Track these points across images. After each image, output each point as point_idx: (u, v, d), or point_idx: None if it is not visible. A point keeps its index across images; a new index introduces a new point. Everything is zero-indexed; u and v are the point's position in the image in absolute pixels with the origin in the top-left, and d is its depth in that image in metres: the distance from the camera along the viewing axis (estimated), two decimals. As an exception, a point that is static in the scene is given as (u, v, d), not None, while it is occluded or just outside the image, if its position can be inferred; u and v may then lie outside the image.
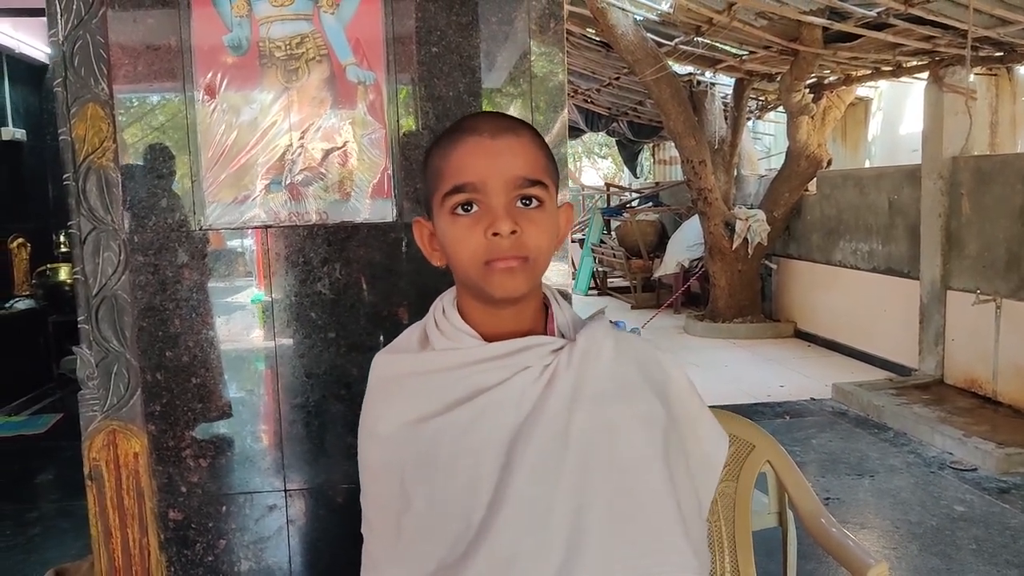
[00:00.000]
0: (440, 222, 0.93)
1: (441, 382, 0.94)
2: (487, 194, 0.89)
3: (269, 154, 1.45)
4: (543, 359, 0.93)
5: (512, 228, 0.88)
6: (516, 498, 0.88)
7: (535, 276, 0.93)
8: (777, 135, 9.22)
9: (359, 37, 1.45)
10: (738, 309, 6.96)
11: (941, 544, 3.02)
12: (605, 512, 0.89)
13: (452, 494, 0.91)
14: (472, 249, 0.90)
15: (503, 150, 0.90)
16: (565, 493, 0.89)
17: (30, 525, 3.30)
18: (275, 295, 1.48)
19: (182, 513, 1.49)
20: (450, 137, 0.93)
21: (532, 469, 0.89)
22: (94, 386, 1.44)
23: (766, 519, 1.68)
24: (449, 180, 0.90)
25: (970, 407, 4.50)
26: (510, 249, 0.89)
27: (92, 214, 1.42)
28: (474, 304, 0.96)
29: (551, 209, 0.93)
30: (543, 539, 0.87)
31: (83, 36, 1.40)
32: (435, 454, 0.92)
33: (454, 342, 0.96)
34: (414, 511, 0.92)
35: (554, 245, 0.95)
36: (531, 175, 0.90)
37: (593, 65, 7.22)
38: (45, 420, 4.78)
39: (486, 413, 0.92)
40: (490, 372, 0.93)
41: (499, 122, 0.93)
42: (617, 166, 16.83)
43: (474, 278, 0.91)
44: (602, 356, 0.95)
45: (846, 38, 4.88)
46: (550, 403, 0.91)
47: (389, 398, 0.97)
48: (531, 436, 0.90)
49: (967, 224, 4.79)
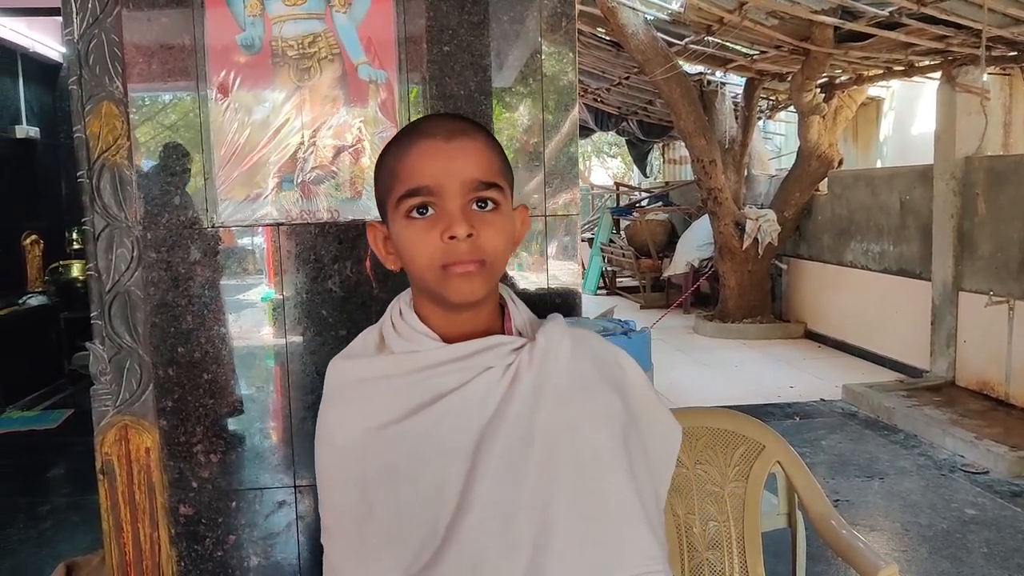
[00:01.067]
0: (395, 226, 0.92)
1: (400, 386, 0.93)
2: (442, 197, 0.88)
3: (281, 152, 1.46)
4: (505, 359, 0.93)
5: (468, 231, 0.87)
6: (483, 500, 0.87)
7: (492, 279, 0.92)
8: (788, 135, 9.18)
9: (371, 36, 1.46)
10: (748, 309, 6.94)
11: (952, 547, 3.00)
12: (570, 510, 0.89)
13: (417, 501, 0.89)
14: (428, 253, 0.89)
15: (457, 153, 0.89)
16: (531, 493, 0.88)
17: (42, 519, 3.32)
18: (286, 292, 1.49)
19: (193, 508, 1.50)
20: (404, 140, 0.92)
21: (498, 470, 0.88)
22: (106, 381, 1.46)
23: (775, 520, 1.67)
24: (403, 183, 0.89)
25: (982, 409, 4.47)
26: (467, 253, 0.88)
27: (106, 211, 1.44)
28: (431, 307, 0.95)
29: (507, 211, 0.93)
30: (510, 540, 0.87)
31: (98, 35, 1.41)
32: (397, 461, 0.90)
33: (412, 344, 0.94)
34: (377, 519, 0.91)
35: (510, 247, 0.94)
36: (486, 177, 0.90)
37: (603, 64, 7.21)
38: (57, 415, 4.82)
39: (449, 416, 0.91)
40: (451, 374, 0.92)
41: (453, 124, 0.92)
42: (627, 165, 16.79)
43: (431, 283, 0.90)
44: (561, 354, 0.95)
45: (858, 37, 4.85)
46: (513, 403, 0.91)
47: (346, 405, 0.95)
48: (496, 437, 0.89)
49: (980, 225, 4.76)
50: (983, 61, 4.30)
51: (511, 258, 1.64)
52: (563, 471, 0.90)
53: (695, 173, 6.78)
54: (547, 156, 1.57)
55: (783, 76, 6.33)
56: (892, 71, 5.54)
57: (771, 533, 1.65)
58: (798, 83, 5.56)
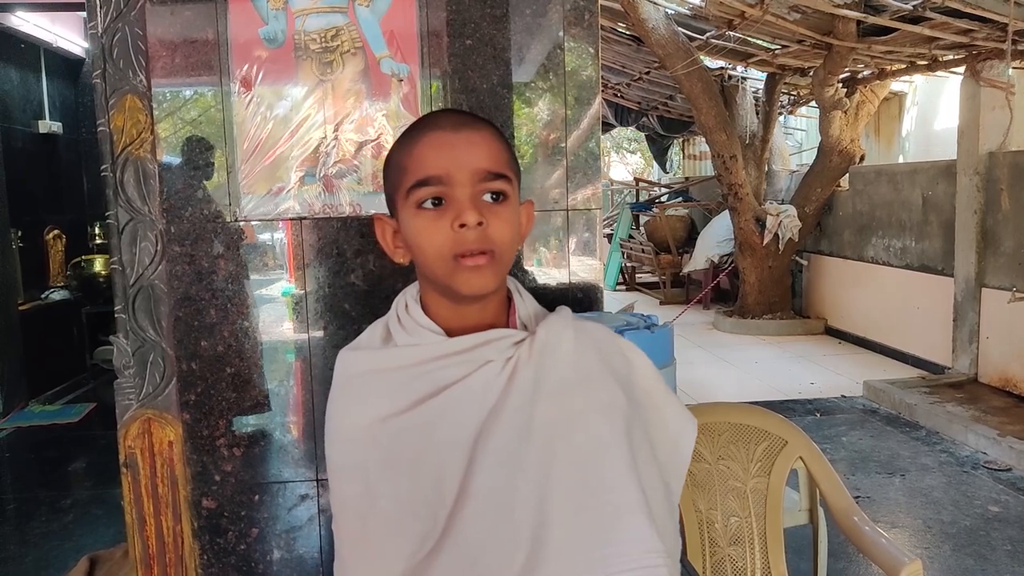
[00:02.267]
0: (404, 217, 0.92)
1: (403, 379, 0.93)
2: (452, 186, 0.89)
3: (304, 146, 1.46)
4: (504, 352, 0.93)
5: (479, 220, 0.88)
6: (481, 493, 0.88)
7: (501, 272, 0.92)
8: (809, 130, 9.10)
9: (393, 30, 1.46)
10: (768, 305, 6.89)
11: (975, 544, 2.96)
12: (567, 502, 0.88)
13: (418, 493, 0.90)
14: (438, 243, 0.89)
15: (465, 143, 0.90)
16: (528, 485, 0.88)
17: (64, 512, 3.36)
18: (309, 286, 1.49)
19: (215, 502, 1.51)
20: (411, 134, 0.93)
21: (496, 463, 0.89)
22: (130, 375, 1.47)
23: (797, 516, 1.66)
24: (413, 175, 0.90)
25: (1005, 406, 4.41)
26: (476, 242, 0.88)
27: (130, 204, 1.44)
28: (438, 299, 0.95)
29: (514, 204, 0.93)
30: (508, 533, 0.87)
31: (122, 29, 1.42)
32: (399, 453, 0.91)
33: (416, 338, 0.95)
34: (380, 511, 0.92)
35: (517, 241, 0.94)
36: (495, 168, 0.90)
37: (623, 59, 7.17)
38: (79, 409, 4.87)
39: (449, 409, 0.91)
40: (452, 367, 0.92)
41: (459, 117, 0.93)
42: (646, 161, 16.72)
43: (440, 274, 0.90)
44: (561, 347, 0.94)
45: (881, 32, 4.80)
46: (513, 396, 0.91)
47: (353, 395, 0.96)
48: (494, 430, 0.90)
49: (1003, 221, 4.69)
50: (1008, 55, 4.23)
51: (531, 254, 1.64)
52: (562, 464, 0.89)
53: (715, 168, 6.73)
54: (568, 151, 1.56)
55: (805, 71, 6.26)
56: (915, 65, 5.47)
57: (793, 529, 1.64)
58: (820, 78, 5.50)
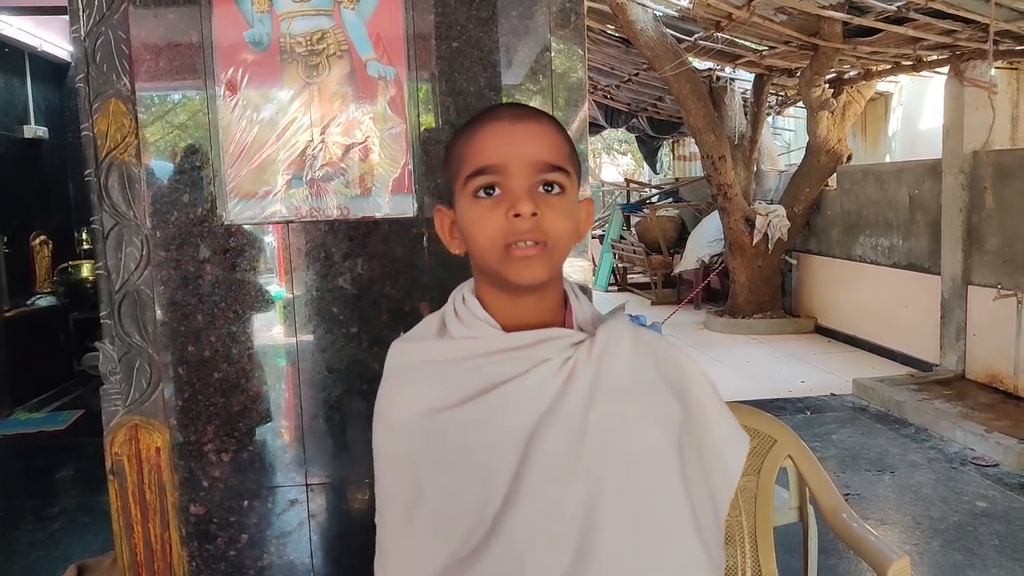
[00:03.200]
0: (461, 206, 0.92)
1: (457, 372, 0.93)
2: (509, 176, 0.89)
3: (290, 150, 1.46)
4: (563, 352, 0.92)
5: (533, 210, 0.87)
6: (530, 494, 0.87)
7: (554, 264, 0.92)
8: (797, 130, 9.14)
9: (379, 32, 1.45)
10: (758, 305, 6.92)
11: (963, 540, 2.98)
12: (617, 510, 0.88)
13: (466, 488, 0.90)
14: (491, 232, 0.89)
15: (524, 134, 0.90)
16: (580, 490, 0.88)
17: (51, 520, 3.33)
18: (296, 290, 1.49)
19: (204, 508, 1.50)
20: (472, 124, 0.94)
21: (548, 465, 0.88)
22: (116, 381, 1.46)
23: (787, 514, 1.67)
24: (471, 163, 0.90)
25: (992, 402, 4.45)
26: (529, 232, 0.88)
27: (115, 209, 1.43)
28: (494, 293, 0.95)
29: (572, 198, 0.92)
30: (556, 536, 0.87)
31: (105, 32, 1.41)
32: (450, 447, 0.91)
33: (472, 330, 0.94)
34: (427, 503, 0.91)
35: (574, 236, 0.94)
36: (553, 160, 0.90)
37: (612, 61, 7.19)
38: (66, 416, 4.83)
39: (503, 406, 0.90)
40: (508, 363, 0.91)
41: (520, 109, 0.94)
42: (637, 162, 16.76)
43: (493, 263, 0.90)
44: (620, 352, 0.93)
45: (866, 32, 4.83)
46: (569, 399, 0.90)
47: (403, 386, 0.96)
48: (548, 432, 0.89)
49: (988, 219, 4.73)
50: (991, 55, 4.27)
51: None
52: (613, 471, 0.89)
53: (705, 169, 6.76)
54: (556, 151, 1.55)
55: (792, 72, 6.30)
56: (900, 66, 5.51)
57: (783, 527, 1.64)
58: (807, 78, 5.53)
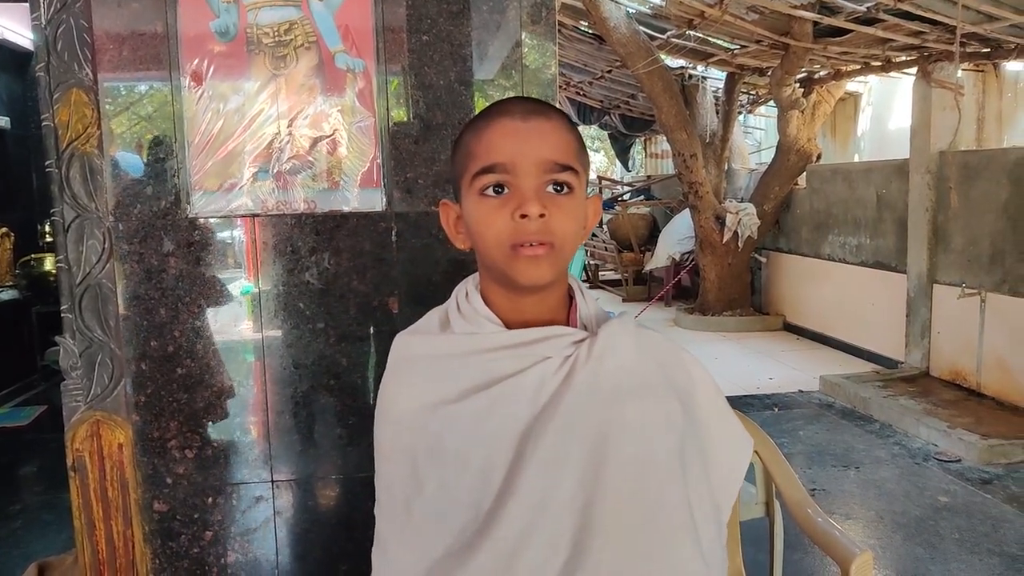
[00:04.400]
0: (467, 203, 0.92)
1: (457, 366, 0.93)
2: (517, 175, 0.88)
3: (256, 142, 1.44)
4: (563, 350, 0.92)
5: (541, 211, 0.87)
6: (525, 491, 0.87)
7: (560, 264, 0.91)
8: (768, 129, 9.23)
9: (348, 24, 1.44)
10: (728, 302, 6.98)
11: (925, 534, 3.04)
12: (613, 512, 0.87)
13: (463, 482, 0.90)
14: (498, 231, 0.88)
15: (534, 132, 0.89)
16: (575, 489, 0.87)
17: (12, 519, 3.26)
18: (262, 284, 1.47)
19: (167, 505, 1.48)
20: (482, 119, 0.93)
21: (544, 463, 0.87)
22: (77, 376, 1.43)
23: (753, 509, 1.68)
24: (479, 160, 0.89)
25: (955, 399, 4.54)
26: (537, 233, 0.87)
27: (76, 201, 1.40)
28: (497, 289, 0.94)
29: (580, 197, 0.92)
30: (550, 535, 0.86)
31: (66, 20, 1.38)
32: (447, 442, 0.90)
33: (474, 326, 0.94)
34: (425, 496, 0.91)
35: (580, 235, 0.93)
36: (562, 159, 0.89)
37: (585, 58, 7.20)
38: (28, 412, 4.74)
39: (501, 402, 0.90)
40: (508, 360, 0.91)
41: (531, 105, 0.92)
42: (609, 159, 16.82)
43: (499, 262, 0.89)
44: (622, 352, 0.93)
45: (836, 33, 4.89)
46: (567, 397, 0.90)
47: (405, 379, 0.96)
48: (545, 429, 0.88)
49: (953, 218, 4.82)
50: (957, 57, 4.35)
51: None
52: (610, 473, 0.88)
53: (676, 167, 6.80)
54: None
55: (763, 71, 6.36)
56: (869, 66, 5.59)
57: (749, 522, 1.66)
58: (778, 78, 5.59)
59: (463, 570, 0.87)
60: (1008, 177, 4.39)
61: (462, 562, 0.88)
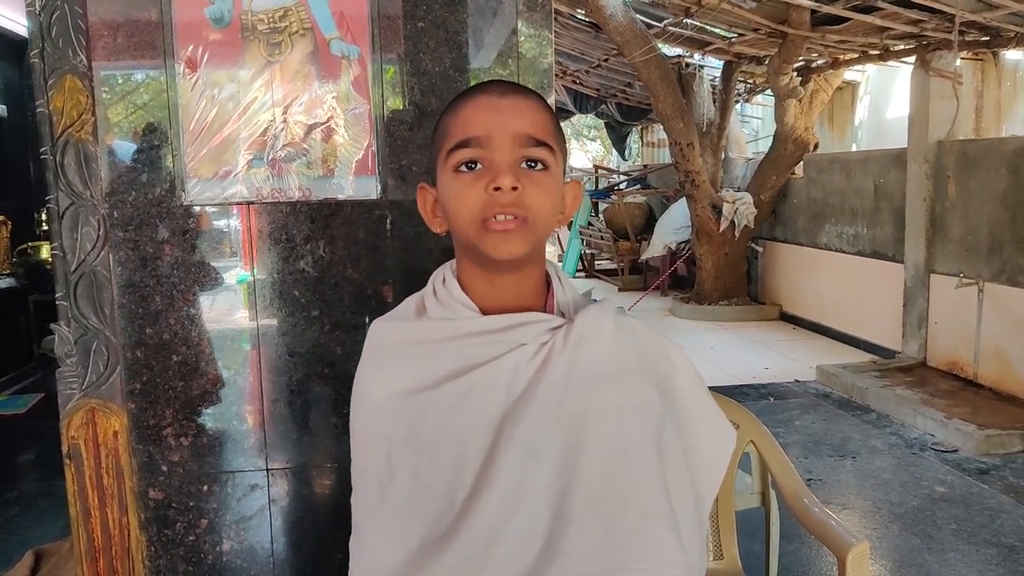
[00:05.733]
0: (443, 181, 0.91)
1: (433, 353, 0.92)
2: (491, 149, 0.87)
3: (251, 129, 1.43)
4: (539, 337, 0.91)
5: (514, 184, 0.86)
6: (501, 480, 0.86)
7: (534, 240, 0.90)
8: (765, 118, 9.21)
9: (343, 11, 1.43)
10: (724, 291, 6.99)
11: (922, 524, 3.05)
12: (589, 499, 0.87)
13: (437, 471, 0.89)
14: (471, 205, 0.87)
15: (510, 108, 0.89)
16: (551, 477, 0.87)
17: (9, 506, 3.27)
18: (257, 272, 1.46)
19: (163, 492, 1.48)
20: (459, 98, 0.93)
21: (519, 451, 0.87)
22: (72, 363, 1.42)
23: (749, 499, 1.69)
24: (454, 136, 0.89)
25: (952, 389, 4.55)
26: (509, 205, 0.86)
27: (70, 188, 1.40)
28: (475, 272, 0.93)
29: (556, 176, 0.91)
30: (526, 523, 0.86)
31: (61, 7, 1.37)
32: (422, 429, 0.90)
33: (449, 312, 0.93)
34: (399, 485, 0.91)
35: (555, 216, 0.92)
36: (537, 135, 0.89)
37: (582, 46, 7.17)
38: (25, 400, 4.74)
39: (476, 390, 0.89)
40: (483, 346, 0.91)
41: (507, 85, 0.93)
42: (605, 148, 16.78)
43: (472, 237, 0.89)
44: (599, 339, 0.92)
45: (834, 21, 4.87)
46: (543, 384, 0.89)
47: (380, 366, 0.95)
48: (521, 417, 0.88)
49: (951, 208, 4.82)
50: (956, 46, 4.34)
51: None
52: (586, 459, 0.88)
53: (673, 156, 6.79)
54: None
55: (760, 59, 6.34)
56: (867, 55, 5.57)
57: (745, 512, 1.67)
58: (775, 66, 5.57)
59: (440, 559, 0.87)
60: (1007, 166, 4.39)
61: (439, 551, 0.87)
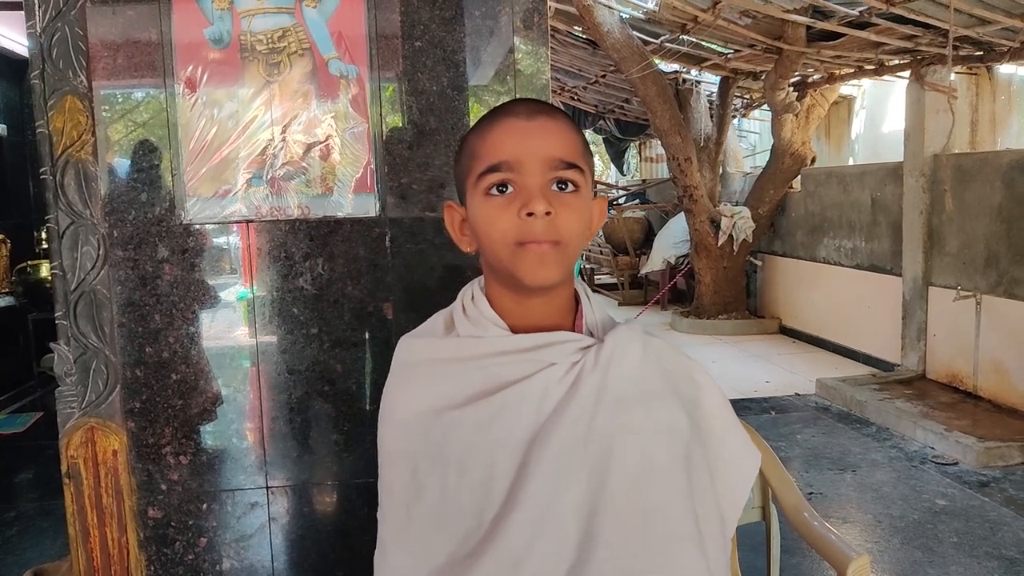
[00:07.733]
0: (473, 203, 0.91)
1: (462, 371, 0.91)
2: (522, 174, 0.87)
3: (250, 148, 1.44)
4: (570, 356, 0.90)
5: (547, 209, 0.86)
6: (530, 500, 0.86)
7: (567, 263, 0.89)
8: (762, 133, 9.26)
9: (341, 31, 1.44)
10: (723, 306, 6.99)
11: (923, 537, 3.04)
12: (618, 521, 0.86)
13: (465, 490, 0.89)
14: (503, 229, 0.87)
15: (538, 131, 0.89)
16: (579, 498, 0.86)
17: (8, 525, 3.26)
18: (257, 290, 1.47)
19: (162, 511, 1.48)
20: (486, 120, 0.92)
21: (548, 472, 0.86)
22: (72, 383, 1.43)
23: (750, 514, 1.68)
24: (484, 160, 0.89)
25: (951, 402, 4.54)
26: (543, 232, 0.86)
27: (70, 208, 1.41)
28: (503, 292, 0.93)
29: (586, 195, 0.91)
30: (555, 543, 0.85)
31: (61, 28, 1.38)
32: (450, 448, 0.89)
33: (479, 329, 0.93)
34: (426, 502, 0.90)
35: (586, 235, 0.92)
36: (567, 157, 0.89)
37: (579, 62, 7.22)
38: (25, 419, 4.73)
39: (506, 409, 0.89)
40: (513, 365, 0.90)
41: (535, 106, 0.92)
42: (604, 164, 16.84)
43: (505, 262, 0.88)
44: (628, 360, 0.92)
45: (829, 36, 4.91)
46: (573, 405, 0.89)
47: (408, 383, 0.94)
48: (550, 438, 0.87)
49: (948, 221, 4.84)
50: (950, 60, 4.37)
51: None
52: (615, 480, 0.87)
53: (671, 171, 6.81)
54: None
55: (757, 75, 6.38)
56: (863, 70, 5.61)
57: (746, 526, 1.66)
58: (771, 81, 5.61)
59: None
60: (1002, 180, 4.41)
61: (466, 570, 0.87)
